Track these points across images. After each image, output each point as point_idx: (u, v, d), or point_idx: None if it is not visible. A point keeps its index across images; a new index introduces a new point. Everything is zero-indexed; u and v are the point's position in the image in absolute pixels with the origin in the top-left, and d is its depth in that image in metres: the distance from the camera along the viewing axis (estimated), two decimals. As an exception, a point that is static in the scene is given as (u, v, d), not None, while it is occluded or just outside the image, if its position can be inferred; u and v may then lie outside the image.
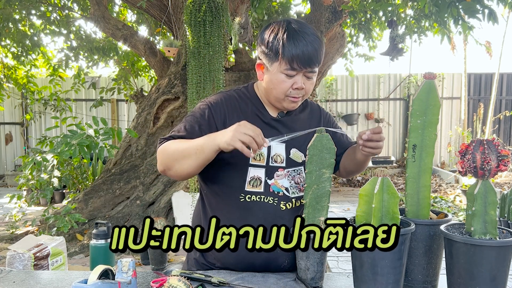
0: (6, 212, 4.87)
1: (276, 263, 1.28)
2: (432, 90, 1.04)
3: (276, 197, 1.26)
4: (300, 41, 1.17)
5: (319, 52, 1.20)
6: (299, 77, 1.21)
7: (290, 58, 1.17)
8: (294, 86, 1.22)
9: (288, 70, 1.19)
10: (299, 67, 1.19)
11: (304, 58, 1.17)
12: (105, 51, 6.33)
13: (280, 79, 1.21)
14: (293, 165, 1.30)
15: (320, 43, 1.21)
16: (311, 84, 1.25)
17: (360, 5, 4.63)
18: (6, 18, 5.75)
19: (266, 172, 1.27)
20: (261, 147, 1.14)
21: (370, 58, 6.36)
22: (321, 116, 1.41)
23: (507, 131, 8.69)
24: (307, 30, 1.20)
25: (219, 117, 1.28)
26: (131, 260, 1.05)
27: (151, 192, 4.39)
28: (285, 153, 1.30)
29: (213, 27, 3.65)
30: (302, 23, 1.23)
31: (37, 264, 1.84)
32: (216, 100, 1.31)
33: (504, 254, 0.91)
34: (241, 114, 1.29)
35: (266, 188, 1.26)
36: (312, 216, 1.16)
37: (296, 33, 1.18)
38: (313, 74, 1.23)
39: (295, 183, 1.29)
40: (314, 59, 1.19)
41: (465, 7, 3.38)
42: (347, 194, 7.06)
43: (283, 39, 1.18)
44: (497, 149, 0.93)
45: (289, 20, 1.24)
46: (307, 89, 1.25)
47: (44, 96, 7.67)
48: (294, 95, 1.24)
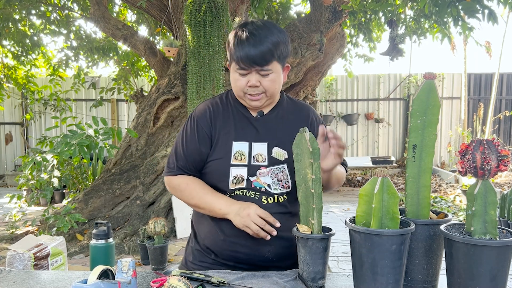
0: (6, 212, 4.87)
1: (259, 253, 1.33)
2: (432, 90, 1.04)
3: (258, 192, 1.33)
4: (249, 42, 1.24)
5: (270, 51, 1.25)
6: (252, 75, 1.28)
7: (236, 59, 1.26)
8: (248, 84, 1.28)
9: (239, 70, 1.28)
10: (246, 66, 1.26)
11: (248, 58, 1.24)
12: (105, 51, 6.33)
13: (236, 77, 1.31)
14: (276, 163, 1.34)
15: (273, 42, 1.26)
16: (270, 81, 1.30)
17: (360, 5, 4.63)
18: (6, 18, 5.75)
19: (248, 171, 1.32)
20: (272, 233, 1.27)
21: (370, 59, 6.37)
22: (307, 117, 1.42)
23: (507, 131, 8.70)
24: (260, 31, 1.26)
25: (206, 125, 1.37)
26: (131, 260, 1.05)
27: (151, 192, 4.39)
28: (267, 152, 1.34)
29: (213, 27, 3.65)
30: (259, 25, 1.29)
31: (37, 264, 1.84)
32: (200, 112, 1.40)
33: (504, 254, 0.91)
34: (224, 118, 1.38)
35: (248, 184, 1.32)
36: (305, 215, 1.17)
37: (246, 35, 1.25)
38: (268, 72, 1.28)
39: (278, 180, 1.34)
40: (263, 57, 1.24)
41: (465, 7, 3.38)
42: (347, 194, 7.06)
43: (234, 42, 1.28)
44: (497, 149, 0.93)
45: (248, 22, 1.31)
46: (265, 87, 1.30)
47: (44, 96, 7.68)
48: (251, 92, 1.30)
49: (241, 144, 1.34)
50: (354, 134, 8.88)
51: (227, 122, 1.37)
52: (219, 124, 1.37)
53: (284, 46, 1.30)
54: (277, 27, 1.31)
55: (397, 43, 5.00)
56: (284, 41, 1.30)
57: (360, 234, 0.99)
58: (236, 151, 1.33)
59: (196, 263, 1.42)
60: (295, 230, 1.14)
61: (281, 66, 1.32)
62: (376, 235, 0.97)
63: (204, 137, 1.36)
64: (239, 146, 1.34)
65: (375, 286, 0.99)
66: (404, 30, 5.18)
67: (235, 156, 1.32)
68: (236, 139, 1.34)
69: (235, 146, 1.34)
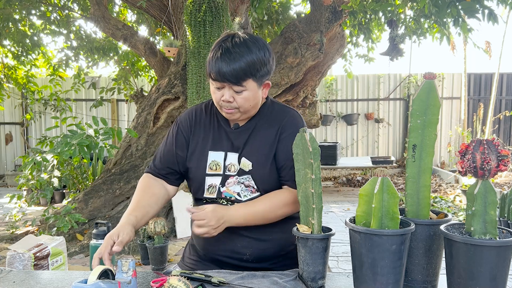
0: (6, 212, 4.87)
1: (238, 255, 1.36)
2: (432, 90, 1.04)
3: (229, 201, 1.36)
4: (223, 58, 1.25)
5: (237, 71, 1.24)
6: (226, 90, 1.28)
7: (210, 72, 1.28)
8: (222, 99, 1.30)
9: (213, 82, 1.30)
10: (218, 80, 1.27)
11: (219, 74, 1.25)
12: (105, 51, 6.33)
13: (212, 90, 1.32)
14: (242, 174, 1.36)
15: (246, 63, 1.25)
16: (243, 99, 1.29)
17: (360, 5, 4.63)
18: (6, 18, 5.75)
19: (222, 180, 1.36)
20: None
21: (370, 59, 6.36)
22: (277, 127, 1.37)
23: (507, 131, 8.70)
24: (236, 50, 1.25)
25: (186, 130, 1.44)
26: (131, 260, 1.05)
27: (151, 192, 4.38)
28: (237, 162, 1.36)
29: (213, 27, 3.65)
30: (239, 42, 1.27)
31: (37, 264, 1.84)
32: (185, 117, 1.47)
33: (504, 254, 0.91)
34: (205, 127, 1.42)
35: (218, 195, 1.36)
36: (305, 215, 1.17)
37: (221, 52, 1.26)
38: (241, 89, 1.27)
39: (245, 186, 1.36)
40: (228, 76, 1.24)
41: (465, 7, 3.38)
42: (347, 194, 7.06)
43: (210, 55, 1.29)
44: (497, 149, 0.93)
45: (230, 37, 1.29)
46: (239, 103, 1.30)
47: (44, 96, 7.67)
48: (225, 106, 1.31)
49: (217, 154, 1.38)
50: (354, 134, 8.88)
51: (206, 131, 1.42)
52: (198, 131, 1.42)
53: (262, 64, 1.28)
54: (259, 44, 1.29)
55: (397, 43, 5.00)
56: (263, 59, 1.28)
57: (360, 234, 0.99)
58: (212, 161, 1.38)
59: (189, 257, 1.48)
60: (295, 230, 1.14)
61: (258, 84, 1.31)
62: (376, 235, 0.97)
63: (182, 141, 1.43)
64: (214, 156, 1.38)
65: (375, 286, 0.99)
66: (404, 30, 5.17)
67: (210, 166, 1.37)
68: (212, 149, 1.39)
69: (211, 155, 1.38)
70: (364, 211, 1.03)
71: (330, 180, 8.41)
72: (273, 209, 1.31)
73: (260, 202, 1.31)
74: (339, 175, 8.57)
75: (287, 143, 1.33)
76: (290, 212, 1.34)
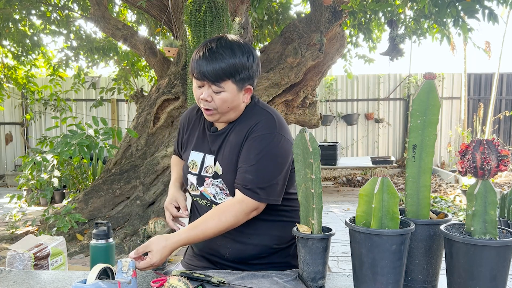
0: (6, 212, 4.87)
1: (219, 254, 1.39)
2: (432, 90, 1.04)
3: (208, 201, 1.40)
4: (205, 57, 1.27)
5: (217, 70, 1.26)
6: (205, 89, 1.30)
7: (191, 69, 1.31)
8: (200, 97, 1.32)
9: (194, 80, 1.33)
10: (198, 77, 1.29)
11: (203, 70, 1.27)
12: (105, 51, 6.33)
13: (194, 87, 1.35)
14: (216, 177, 1.37)
15: (227, 64, 1.26)
16: (221, 100, 1.29)
17: (360, 5, 4.63)
18: (6, 18, 5.75)
19: (197, 180, 1.41)
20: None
21: (370, 60, 6.36)
22: (245, 133, 1.34)
23: (507, 131, 8.70)
24: (219, 51, 1.27)
25: (185, 127, 1.53)
26: (131, 260, 1.05)
27: (151, 192, 4.39)
28: (213, 164, 1.38)
29: (213, 27, 3.65)
30: (224, 44, 1.28)
31: (37, 264, 1.84)
32: (186, 113, 1.56)
33: (504, 254, 0.91)
34: (194, 126, 1.49)
35: (200, 193, 1.42)
36: (305, 215, 1.16)
37: (205, 51, 1.28)
38: (220, 89, 1.28)
39: (220, 189, 1.37)
40: (207, 74, 1.26)
41: (465, 7, 3.38)
42: (347, 194, 7.06)
43: (195, 54, 1.32)
44: (497, 149, 0.93)
45: (217, 38, 1.31)
46: (216, 104, 1.30)
47: (44, 96, 7.67)
48: (203, 105, 1.34)
49: (197, 154, 1.43)
50: (354, 134, 8.88)
51: (194, 130, 1.48)
52: (190, 128, 1.50)
53: (243, 68, 1.28)
54: (244, 49, 1.29)
55: (397, 43, 5.00)
56: (245, 64, 1.28)
57: (360, 234, 0.99)
58: (191, 160, 1.43)
59: (188, 254, 1.53)
60: (295, 230, 1.14)
61: (238, 87, 1.30)
62: (376, 235, 0.97)
63: (179, 134, 1.56)
64: (194, 156, 1.43)
65: (375, 286, 0.99)
66: (404, 30, 5.17)
67: (188, 165, 1.44)
68: (194, 149, 1.44)
69: (192, 155, 1.44)
70: (364, 211, 1.03)
71: (330, 180, 8.41)
72: (223, 224, 1.27)
73: (210, 220, 1.28)
74: (339, 175, 8.57)
75: (249, 145, 1.31)
76: (240, 223, 1.29)
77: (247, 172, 1.28)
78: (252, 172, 1.27)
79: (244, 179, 1.28)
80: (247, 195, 1.27)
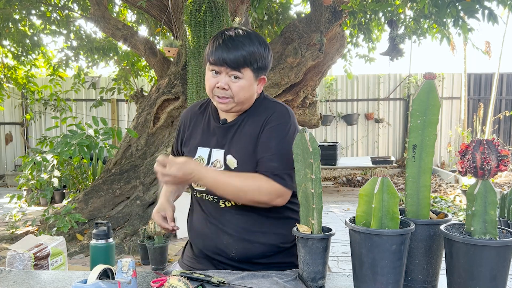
0: (6, 212, 4.87)
1: (224, 253, 1.36)
2: (432, 90, 1.04)
3: (216, 196, 1.35)
4: (225, 44, 1.28)
5: (238, 57, 1.27)
6: (222, 76, 1.30)
7: (211, 56, 1.30)
8: (217, 85, 1.30)
9: (210, 66, 1.31)
10: (217, 64, 1.28)
11: (223, 57, 1.27)
12: (105, 51, 6.33)
13: (208, 76, 1.33)
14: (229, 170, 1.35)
15: (247, 51, 1.28)
16: (239, 87, 1.30)
17: (360, 5, 4.63)
18: (6, 18, 5.75)
19: None
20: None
21: (371, 59, 6.36)
22: (263, 123, 1.35)
23: (507, 131, 8.70)
24: (238, 38, 1.29)
25: (186, 124, 1.50)
26: (131, 260, 1.05)
27: (151, 192, 4.39)
28: (223, 159, 1.36)
29: (213, 27, 3.65)
30: (241, 33, 1.31)
31: (37, 264, 1.84)
32: (187, 111, 1.54)
33: (504, 254, 0.91)
34: (197, 122, 1.47)
35: (206, 188, 1.35)
36: (305, 215, 1.16)
37: (223, 38, 1.29)
38: (238, 75, 1.29)
39: None
40: (228, 60, 1.27)
41: (465, 7, 3.39)
42: (347, 194, 7.06)
43: (212, 42, 1.32)
44: (497, 149, 0.93)
45: (233, 28, 1.34)
46: (234, 91, 1.30)
47: (44, 96, 7.67)
48: (218, 94, 1.31)
49: (203, 150, 1.40)
50: (354, 134, 8.88)
51: (198, 127, 1.46)
52: (193, 125, 1.47)
53: (261, 58, 1.31)
54: (260, 40, 1.33)
55: (397, 43, 5.00)
56: (262, 53, 1.31)
57: (360, 234, 0.99)
58: (198, 157, 1.39)
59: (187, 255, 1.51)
60: (295, 230, 1.14)
61: (255, 76, 1.32)
62: (376, 235, 0.97)
63: (179, 132, 1.52)
64: (201, 152, 1.40)
65: (375, 286, 0.99)
66: (404, 30, 5.18)
67: (196, 161, 1.38)
68: (200, 145, 1.41)
69: (198, 151, 1.40)
70: (364, 211, 1.03)
71: (330, 180, 8.41)
72: (245, 188, 1.26)
73: (236, 177, 1.28)
74: (339, 175, 8.57)
75: (267, 135, 1.31)
76: (260, 201, 1.28)
77: (271, 160, 1.29)
78: (276, 160, 1.29)
79: (270, 167, 1.28)
80: (276, 181, 1.27)
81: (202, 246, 1.42)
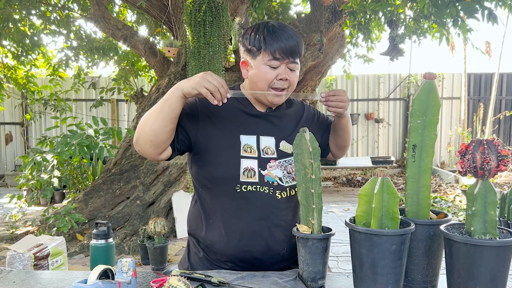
0: (6, 212, 4.87)
1: (275, 250, 1.31)
2: (432, 90, 1.04)
3: (271, 187, 1.30)
4: (281, 34, 1.26)
5: (299, 45, 1.29)
6: (282, 68, 1.28)
7: (272, 49, 1.25)
8: (278, 77, 1.28)
9: (271, 61, 1.26)
10: (282, 56, 1.26)
11: (286, 48, 1.25)
12: (105, 51, 6.33)
13: (265, 70, 1.28)
14: (284, 156, 1.34)
15: (299, 38, 1.30)
16: (295, 77, 1.32)
17: (360, 5, 4.63)
18: (6, 18, 5.75)
19: (259, 163, 1.31)
20: (225, 98, 1.20)
21: (370, 60, 6.36)
22: (304, 111, 1.48)
23: (507, 131, 8.70)
24: (287, 27, 1.31)
25: (204, 109, 1.33)
26: (131, 260, 1.05)
27: (151, 192, 4.39)
28: (275, 145, 1.35)
29: (213, 27, 3.65)
30: (281, 23, 1.33)
31: (37, 264, 1.84)
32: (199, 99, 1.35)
33: (504, 254, 0.91)
34: (225, 109, 1.31)
35: (260, 179, 1.30)
36: (305, 215, 1.17)
37: (275, 28, 1.28)
38: (296, 66, 1.31)
39: (288, 172, 1.34)
40: (295, 49, 1.27)
41: (464, 7, 3.38)
42: (347, 194, 7.06)
43: (264, 33, 1.27)
44: (497, 149, 0.93)
45: (266, 22, 1.33)
46: (291, 81, 1.31)
47: (44, 96, 7.67)
48: (278, 86, 1.29)
49: (248, 137, 1.33)
50: (354, 134, 8.88)
51: (231, 114, 1.34)
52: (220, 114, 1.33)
53: (303, 46, 1.35)
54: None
55: (397, 43, 5.00)
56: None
57: (360, 234, 0.99)
58: (245, 144, 1.31)
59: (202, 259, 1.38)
60: (295, 230, 1.14)
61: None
62: (376, 235, 0.97)
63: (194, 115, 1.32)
64: (246, 140, 1.32)
65: (375, 286, 0.99)
66: (404, 30, 5.18)
67: (244, 149, 1.30)
68: (243, 133, 1.33)
69: (243, 139, 1.32)
70: (364, 211, 1.03)
71: (330, 180, 8.41)
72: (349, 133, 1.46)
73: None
74: (339, 175, 8.57)
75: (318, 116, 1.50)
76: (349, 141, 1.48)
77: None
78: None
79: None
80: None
81: (248, 246, 1.29)
